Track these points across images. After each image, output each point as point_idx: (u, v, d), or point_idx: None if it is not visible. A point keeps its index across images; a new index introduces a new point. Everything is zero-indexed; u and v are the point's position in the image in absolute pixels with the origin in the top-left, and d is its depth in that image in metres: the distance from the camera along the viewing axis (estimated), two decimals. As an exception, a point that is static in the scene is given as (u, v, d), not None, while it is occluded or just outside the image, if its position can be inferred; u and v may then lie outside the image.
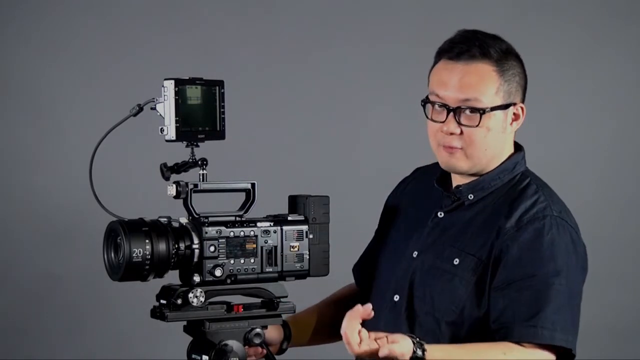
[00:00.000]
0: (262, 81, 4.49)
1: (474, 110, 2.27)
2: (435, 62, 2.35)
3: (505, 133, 2.31)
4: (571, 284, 2.22)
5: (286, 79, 4.51)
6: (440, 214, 2.36)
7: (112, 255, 2.25)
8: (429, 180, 2.43)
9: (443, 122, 2.29)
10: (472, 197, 2.32)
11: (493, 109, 2.27)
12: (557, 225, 2.23)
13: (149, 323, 2.41)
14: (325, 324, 2.57)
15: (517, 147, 2.41)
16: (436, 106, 2.31)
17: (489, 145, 2.29)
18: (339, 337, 2.59)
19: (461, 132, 2.29)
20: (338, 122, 4.50)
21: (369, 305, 2.12)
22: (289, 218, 2.38)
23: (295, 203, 2.42)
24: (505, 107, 2.30)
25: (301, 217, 2.39)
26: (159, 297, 2.30)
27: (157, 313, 2.29)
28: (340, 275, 2.54)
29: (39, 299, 4.48)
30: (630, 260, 4.50)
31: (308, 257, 2.38)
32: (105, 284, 2.41)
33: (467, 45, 2.29)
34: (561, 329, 2.18)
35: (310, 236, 2.38)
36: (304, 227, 2.38)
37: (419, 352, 2.10)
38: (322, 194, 2.42)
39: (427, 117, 2.34)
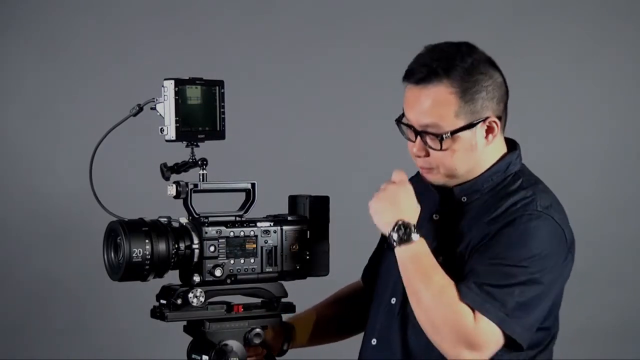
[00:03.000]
0: (262, 81, 4.49)
1: (434, 135, 2.26)
2: (404, 82, 2.32)
3: (476, 150, 2.28)
4: (536, 273, 2.19)
5: (286, 79, 4.51)
6: (436, 217, 2.36)
7: (112, 255, 2.25)
8: (429, 181, 2.43)
9: (414, 141, 2.30)
10: (465, 199, 2.32)
11: (454, 132, 2.24)
12: (537, 217, 2.22)
13: (149, 323, 2.41)
14: (326, 324, 2.57)
15: (513, 144, 2.39)
16: (404, 127, 2.31)
17: (458, 164, 2.28)
18: (338, 338, 2.61)
19: (428, 154, 2.28)
20: (338, 122, 4.50)
21: None
22: (289, 218, 2.38)
23: (295, 203, 2.42)
24: (470, 126, 2.26)
25: (301, 217, 2.39)
26: (159, 297, 2.30)
27: (157, 313, 2.29)
28: (340, 275, 2.54)
29: (39, 299, 4.48)
30: (630, 260, 4.50)
31: (308, 257, 2.38)
32: (105, 284, 2.41)
33: (426, 68, 2.24)
34: (497, 303, 2.16)
35: (310, 236, 2.38)
36: (304, 227, 2.38)
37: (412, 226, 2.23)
38: (322, 194, 2.42)
39: (402, 135, 2.33)
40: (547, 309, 2.26)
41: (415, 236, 2.23)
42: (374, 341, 2.39)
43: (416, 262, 2.22)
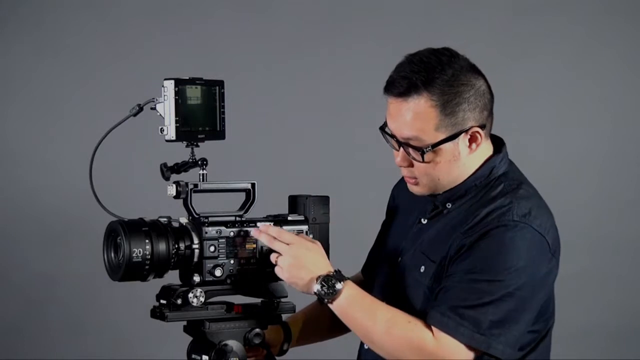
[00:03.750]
0: (262, 81, 4.49)
1: (416, 148, 2.24)
2: (385, 94, 2.30)
3: (459, 160, 2.26)
4: (513, 287, 2.16)
5: (286, 79, 4.51)
6: (424, 221, 2.36)
7: (112, 255, 2.25)
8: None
9: (398, 150, 2.29)
10: (450, 205, 2.31)
11: (435, 145, 2.22)
12: (513, 228, 2.18)
13: (149, 323, 2.41)
14: (322, 322, 2.57)
15: (499, 144, 2.35)
16: (389, 136, 2.30)
17: (441, 175, 2.27)
18: (335, 334, 2.60)
19: (412, 164, 2.27)
20: (338, 122, 4.50)
21: None
22: (289, 218, 2.38)
23: (295, 203, 2.42)
24: (452, 138, 2.23)
25: (301, 217, 2.39)
26: (159, 297, 2.30)
27: (157, 313, 2.29)
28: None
29: (39, 298, 4.48)
30: (630, 260, 4.50)
31: (308, 257, 2.37)
32: (105, 284, 2.41)
33: (407, 82, 2.22)
34: (470, 325, 2.14)
35: (310, 236, 2.38)
36: (304, 227, 2.37)
37: (332, 280, 2.20)
38: (322, 194, 2.42)
39: (387, 143, 2.33)
40: (533, 317, 2.23)
41: (339, 285, 2.20)
42: None
43: (353, 307, 2.21)
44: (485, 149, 2.31)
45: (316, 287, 2.20)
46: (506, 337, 2.17)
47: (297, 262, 2.23)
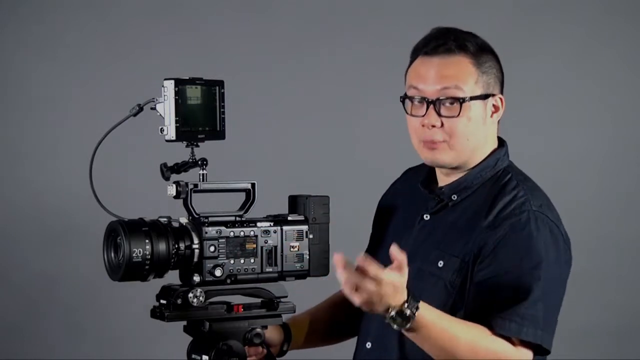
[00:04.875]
0: (262, 81, 4.49)
1: (453, 100, 2.27)
2: (412, 61, 2.35)
3: (485, 124, 2.31)
4: (548, 279, 2.20)
5: (286, 79, 4.51)
6: (427, 217, 2.35)
7: (112, 255, 2.25)
8: (417, 182, 2.43)
9: (423, 115, 2.29)
10: (456, 197, 2.32)
11: (472, 98, 2.28)
12: (536, 219, 2.22)
13: (149, 323, 2.41)
14: (320, 328, 2.57)
15: (500, 142, 2.39)
16: (415, 101, 2.31)
17: (471, 135, 2.29)
18: (335, 340, 2.60)
19: (442, 125, 2.29)
20: (338, 122, 4.50)
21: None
22: (289, 218, 2.38)
23: (295, 203, 2.42)
24: (484, 97, 2.30)
25: (301, 217, 2.39)
26: (159, 297, 2.30)
27: (157, 313, 2.29)
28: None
29: (39, 299, 4.48)
30: (630, 260, 4.50)
31: (308, 257, 2.38)
32: (105, 284, 2.41)
33: (443, 40, 2.31)
34: (531, 323, 2.16)
35: (310, 236, 2.38)
36: (304, 227, 2.38)
37: (407, 312, 2.06)
38: (322, 194, 2.42)
39: (406, 112, 2.34)
40: (560, 308, 2.27)
41: (411, 314, 2.07)
42: (368, 344, 2.39)
43: (434, 331, 2.12)
44: (493, 140, 2.36)
45: (392, 324, 2.09)
46: (552, 329, 2.22)
47: (378, 297, 2.06)
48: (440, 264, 2.27)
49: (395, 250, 2.07)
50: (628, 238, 4.48)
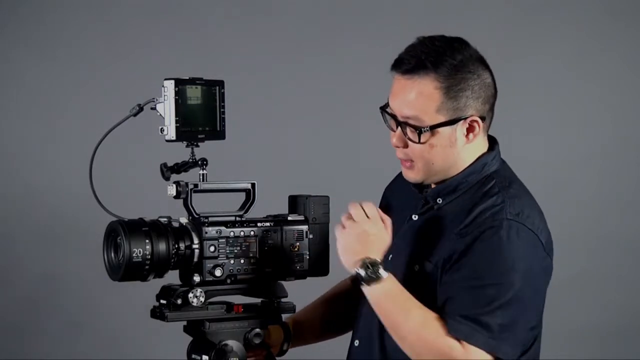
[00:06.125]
0: (262, 81, 4.49)
1: (414, 127, 2.24)
2: (392, 72, 2.31)
3: (455, 147, 2.26)
4: (517, 288, 2.16)
5: (286, 79, 4.51)
6: (415, 217, 2.35)
7: (112, 255, 2.25)
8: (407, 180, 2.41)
9: (394, 131, 2.29)
10: (441, 201, 2.31)
11: (433, 127, 2.23)
12: (509, 227, 2.18)
13: (149, 323, 2.41)
14: (321, 322, 2.57)
15: (492, 143, 2.35)
16: (389, 116, 2.30)
17: (435, 160, 2.26)
18: (333, 335, 2.60)
19: (407, 145, 2.27)
20: (338, 122, 4.50)
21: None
22: (289, 218, 2.38)
23: (295, 203, 2.42)
24: (450, 123, 2.23)
25: (301, 217, 2.39)
26: (159, 297, 2.30)
27: (157, 313, 2.29)
28: (340, 276, 2.54)
29: (39, 299, 4.48)
30: (630, 260, 4.50)
31: (308, 257, 2.38)
32: (105, 284, 2.41)
33: (415, 60, 2.23)
34: (484, 330, 2.15)
35: (310, 236, 2.38)
36: (304, 227, 2.38)
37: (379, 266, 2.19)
38: (322, 194, 2.42)
39: (385, 123, 2.33)
40: (533, 316, 2.24)
41: (383, 273, 2.19)
42: (356, 342, 2.39)
43: (390, 299, 2.20)
44: (481, 144, 2.31)
45: (360, 268, 2.19)
46: (513, 339, 2.18)
47: (361, 237, 2.22)
48: (416, 267, 2.27)
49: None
50: (628, 238, 4.48)
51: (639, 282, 4.48)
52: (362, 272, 2.19)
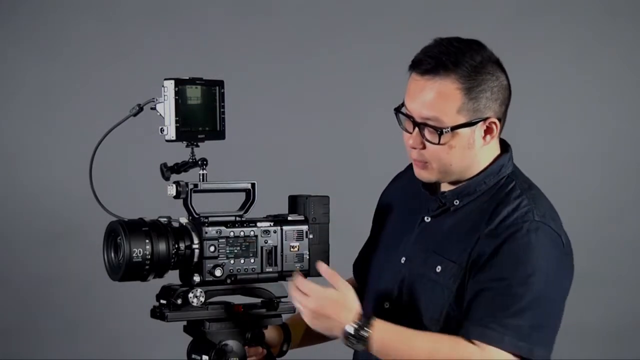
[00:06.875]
0: (262, 81, 4.49)
1: (434, 128, 2.23)
2: (410, 72, 2.29)
3: (474, 149, 2.26)
4: (544, 289, 2.18)
5: (286, 79, 4.51)
6: (427, 219, 2.34)
7: (112, 255, 2.25)
8: (419, 180, 2.41)
9: (410, 133, 2.28)
10: (458, 202, 2.30)
11: (454, 128, 2.22)
12: (536, 229, 2.19)
13: (149, 323, 2.41)
14: None
15: (504, 146, 2.36)
16: (404, 118, 2.29)
17: (454, 161, 2.25)
18: (329, 338, 2.60)
19: (425, 147, 2.26)
20: (338, 122, 4.50)
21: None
22: (289, 218, 2.38)
23: (295, 203, 2.42)
24: (470, 124, 2.23)
25: (301, 217, 2.39)
26: (159, 297, 2.30)
27: (157, 313, 2.29)
28: (340, 275, 2.54)
29: (39, 299, 4.48)
30: (630, 260, 4.50)
31: (308, 257, 2.38)
32: (105, 284, 2.41)
33: (435, 61, 2.22)
34: (513, 333, 2.15)
35: (310, 236, 2.38)
36: (304, 227, 2.37)
37: (362, 332, 2.16)
38: (322, 194, 2.42)
39: (399, 124, 2.32)
40: (561, 317, 2.25)
41: (365, 333, 2.17)
42: None
43: (388, 348, 2.19)
44: (495, 147, 2.32)
45: (345, 339, 2.19)
46: (545, 340, 2.19)
47: (317, 313, 2.20)
48: (438, 269, 2.26)
49: (323, 268, 2.24)
50: (628, 238, 4.48)
51: (639, 282, 4.49)
52: (350, 343, 2.19)
